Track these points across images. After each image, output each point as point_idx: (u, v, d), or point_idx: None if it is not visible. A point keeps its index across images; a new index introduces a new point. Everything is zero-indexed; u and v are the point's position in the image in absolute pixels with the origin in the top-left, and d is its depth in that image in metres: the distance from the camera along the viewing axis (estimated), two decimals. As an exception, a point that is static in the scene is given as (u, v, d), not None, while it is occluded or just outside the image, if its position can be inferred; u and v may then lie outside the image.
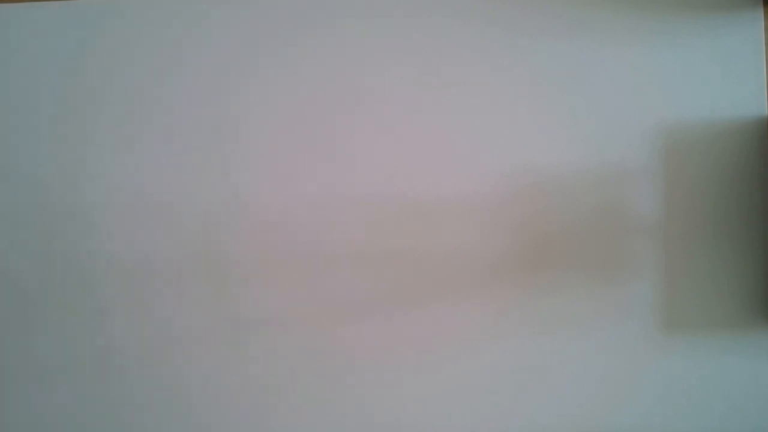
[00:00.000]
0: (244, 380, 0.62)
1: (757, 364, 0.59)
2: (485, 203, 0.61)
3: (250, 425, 0.62)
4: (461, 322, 0.61)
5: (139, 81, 0.63)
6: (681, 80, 0.60)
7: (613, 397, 0.60)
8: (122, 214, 0.63)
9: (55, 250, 0.63)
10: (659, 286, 0.60)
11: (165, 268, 0.62)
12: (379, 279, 0.61)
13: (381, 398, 0.61)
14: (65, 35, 0.64)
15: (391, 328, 0.61)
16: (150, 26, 0.63)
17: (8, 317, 0.63)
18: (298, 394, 0.62)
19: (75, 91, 0.64)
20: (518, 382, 0.61)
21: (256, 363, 0.62)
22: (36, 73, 0.64)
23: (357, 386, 0.61)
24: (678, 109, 0.60)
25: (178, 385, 0.62)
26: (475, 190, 0.61)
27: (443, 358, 0.61)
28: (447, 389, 0.61)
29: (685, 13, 0.60)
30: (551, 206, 0.61)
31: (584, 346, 0.60)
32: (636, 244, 0.60)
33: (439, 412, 0.61)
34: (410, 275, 0.61)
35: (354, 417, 0.61)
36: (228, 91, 0.63)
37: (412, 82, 0.62)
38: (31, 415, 0.63)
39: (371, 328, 0.61)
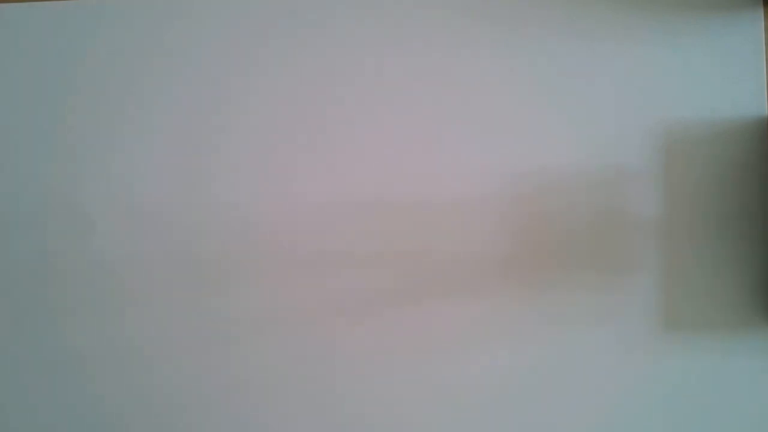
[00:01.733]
0: (243, 380, 0.62)
1: (757, 364, 0.59)
2: (484, 204, 0.61)
3: (248, 424, 0.62)
4: (461, 323, 0.61)
5: (139, 81, 0.63)
6: (681, 80, 0.60)
7: (613, 397, 0.60)
8: (122, 214, 0.63)
9: (54, 250, 0.63)
10: (659, 286, 0.60)
11: (165, 268, 0.62)
12: (379, 281, 0.61)
13: (381, 399, 0.61)
14: (65, 35, 0.64)
15: (391, 330, 0.61)
16: (150, 27, 0.63)
17: (12, 317, 0.63)
18: (298, 394, 0.62)
19: (75, 91, 0.64)
20: (518, 382, 0.61)
21: (255, 364, 0.62)
22: (36, 73, 0.64)
23: (357, 388, 0.61)
24: (678, 109, 0.60)
25: (178, 386, 0.62)
26: (474, 192, 0.61)
27: (443, 359, 0.61)
28: (447, 390, 0.61)
29: (685, 13, 0.60)
30: (550, 207, 0.61)
31: (583, 347, 0.60)
32: (636, 244, 0.60)
33: (439, 413, 0.61)
34: (410, 277, 0.61)
35: (353, 418, 0.61)
36: (229, 92, 0.63)
37: (412, 83, 0.62)
38: (30, 415, 0.63)
39: (371, 329, 0.61)
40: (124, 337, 0.63)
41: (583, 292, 0.60)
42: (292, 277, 0.62)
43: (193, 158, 0.63)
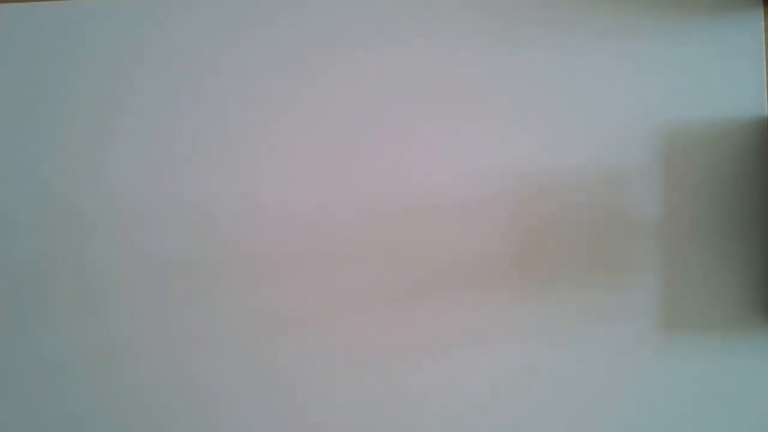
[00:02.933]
0: (244, 379, 0.62)
1: (757, 364, 0.59)
2: (485, 205, 0.61)
3: (250, 423, 0.62)
4: (462, 323, 0.61)
5: (140, 81, 0.63)
6: (681, 80, 0.60)
7: (613, 397, 0.60)
8: (122, 214, 0.63)
9: (54, 250, 0.63)
10: (659, 286, 0.60)
11: (164, 268, 0.62)
12: (380, 280, 0.61)
13: (382, 400, 0.61)
14: (65, 35, 0.64)
15: (392, 329, 0.61)
16: (151, 26, 0.63)
17: (8, 317, 0.63)
18: (298, 393, 0.62)
19: (74, 91, 0.64)
20: (518, 382, 0.61)
21: (256, 364, 0.62)
22: (36, 73, 0.64)
23: (357, 386, 0.61)
24: (678, 109, 0.60)
25: (179, 385, 0.62)
26: (474, 193, 0.61)
27: (444, 358, 0.61)
28: (448, 389, 0.61)
29: (685, 13, 0.60)
30: (551, 207, 0.61)
31: (584, 346, 0.60)
32: (636, 244, 0.60)
33: (439, 413, 0.61)
34: (411, 276, 0.61)
35: (353, 416, 0.61)
36: (228, 93, 0.63)
37: (413, 84, 0.62)
38: (32, 415, 0.63)
39: (373, 329, 0.61)
40: (121, 337, 0.63)
41: (584, 292, 0.60)
42: (294, 277, 0.62)
43: (191, 159, 0.63)
